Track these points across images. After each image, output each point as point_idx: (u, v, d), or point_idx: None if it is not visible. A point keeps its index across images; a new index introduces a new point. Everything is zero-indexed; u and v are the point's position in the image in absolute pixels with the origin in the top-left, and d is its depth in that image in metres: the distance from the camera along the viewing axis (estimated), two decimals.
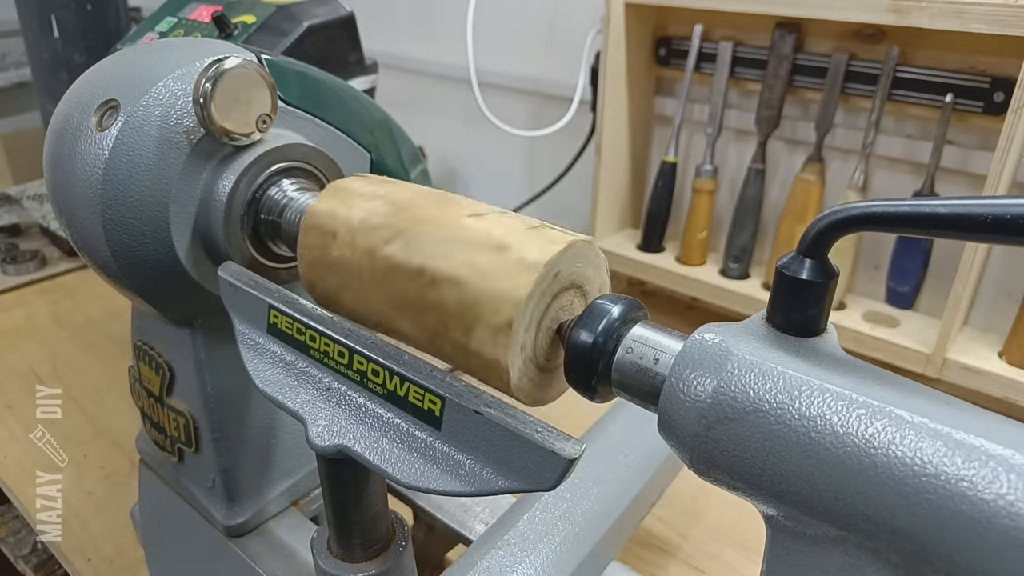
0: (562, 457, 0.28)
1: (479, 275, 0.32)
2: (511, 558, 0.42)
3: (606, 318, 0.31)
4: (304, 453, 0.54)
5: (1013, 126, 0.64)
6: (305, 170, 0.44)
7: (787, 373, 0.25)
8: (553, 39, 1.12)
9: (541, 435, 0.29)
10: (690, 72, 0.90)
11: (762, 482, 0.25)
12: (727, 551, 0.63)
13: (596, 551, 0.45)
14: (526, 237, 0.33)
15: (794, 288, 0.26)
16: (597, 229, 0.99)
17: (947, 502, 0.21)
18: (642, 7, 0.87)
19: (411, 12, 1.32)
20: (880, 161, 0.83)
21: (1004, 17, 0.62)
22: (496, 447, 0.30)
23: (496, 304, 0.31)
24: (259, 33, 0.72)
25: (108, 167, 0.40)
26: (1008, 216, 0.21)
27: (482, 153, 1.32)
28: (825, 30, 0.82)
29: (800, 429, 0.24)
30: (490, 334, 0.32)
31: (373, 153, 0.51)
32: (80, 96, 0.42)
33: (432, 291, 0.34)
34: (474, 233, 0.34)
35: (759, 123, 0.88)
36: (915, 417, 0.23)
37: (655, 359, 0.29)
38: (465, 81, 1.27)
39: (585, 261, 0.34)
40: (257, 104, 0.40)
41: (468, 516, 0.56)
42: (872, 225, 0.24)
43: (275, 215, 0.42)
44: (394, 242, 0.36)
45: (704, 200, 0.93)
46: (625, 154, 0.99)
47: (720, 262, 0.95)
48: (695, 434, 0.26)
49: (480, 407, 0.31)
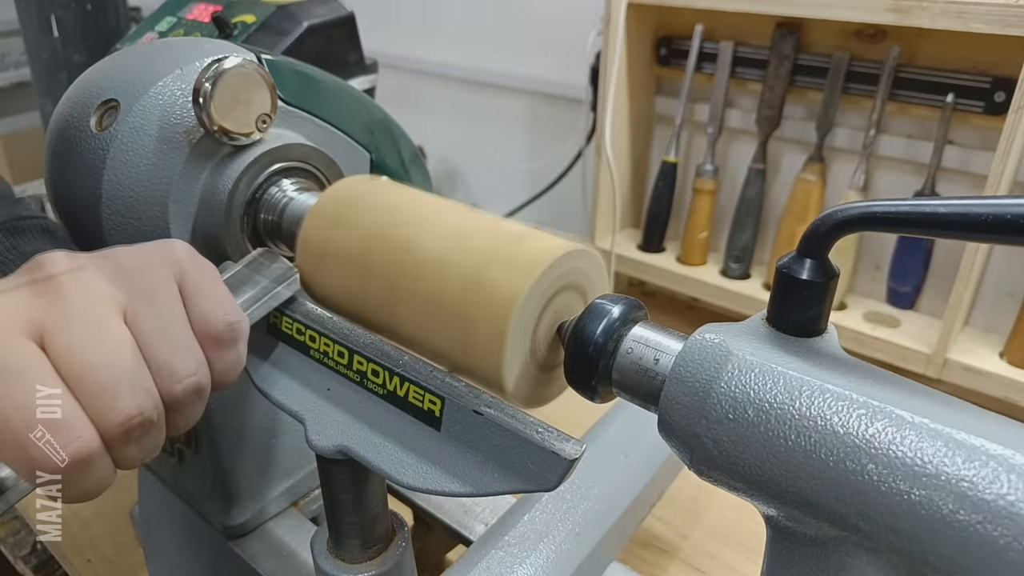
0: (562, 457, 0.28)
1: (479, 274, 0.32)
2: (511, 558, 0.42)
3: (606, 318, 0.31)
4: (304, 453, 0.54)
5: (1014, 126, 0.64)
6: (305, 170, 0.44)
7: (787, 373, 0.25)
8: (553, 39, 1.12)
9: (541, 435, 0.29)
10: (691, 72, 0.90)
11: (762, 482, 0.25)
12: (727, 551, 0.63)
13: (596, 551, 0.45)
14: (527, 238, 0.33)
15: (794, 288, 0.26)
16: (597, 229, 0.99)
17: (947, 502, 0.21)
18: (643, 7, 0.87)
19: (411, 12, 1.32)
20: (881, 161, 0.83)
21: (1005, 17, 0.62)
22: (496, 447, 0.30)
23: (495, 303, 0.31)
24: (259, 33, 0.72)
25: (108, 167, 0.40)
26: (1009, 216, 0.21)
27: (482, 153, 1.32)
28: (826, 30, 0.82)
29: (800, 429, 0.24)
30: (488, 334, 0.32)
31: (373, 153, 0.51)
32: (80, 96, 0.42)
33: (433, 290, 0.34)
34: (474, 233, 0.34)
35: (760, 123, 0.88)
36: (915, 417, 0.23)
37: (655, 359, 0.29)
38: (465, 81, 1.27)
39: (585, 263, 0.34)
40: (257, 104, 0.40)
41: (468, 516, 0.55)
42: (873, 225, 0.24)
43: (275, 215, 0.42)
44: (394, 240, 0.36)
45: (705, 200, 0.93)
46: (625, 154, 0.99)
47: (721, 262, 0.95)
48: (695, 434, 0.26)
49: (480, 407, 0.31)
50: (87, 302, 0.28)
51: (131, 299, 0.29)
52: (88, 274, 0.29)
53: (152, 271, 0.31)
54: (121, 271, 0.30)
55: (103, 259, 0.30)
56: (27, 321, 0.27)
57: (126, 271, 0.30)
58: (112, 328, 0.28)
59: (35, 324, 0.27)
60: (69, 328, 0.27)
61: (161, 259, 0.32)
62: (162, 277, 0.31)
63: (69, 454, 0.26)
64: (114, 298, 0.29)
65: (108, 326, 0.28)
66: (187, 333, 0.30)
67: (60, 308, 0.28)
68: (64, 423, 0.26)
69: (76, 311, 0.28)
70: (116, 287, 0.29)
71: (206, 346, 0.31)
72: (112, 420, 0.27)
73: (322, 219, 0.39)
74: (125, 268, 0.30)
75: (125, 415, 0.27)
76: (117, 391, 0.27)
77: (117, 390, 0.27)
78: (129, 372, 0.28)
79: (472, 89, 1.27)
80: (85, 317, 0.28)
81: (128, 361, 0.28)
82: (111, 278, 0.30)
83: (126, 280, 0.30)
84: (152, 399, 0.29)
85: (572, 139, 1.11)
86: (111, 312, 0.29)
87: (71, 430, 0.26)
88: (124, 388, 0.27)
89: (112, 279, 0.30)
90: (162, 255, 0.32)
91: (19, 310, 0.27)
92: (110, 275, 0.30)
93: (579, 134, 1.08)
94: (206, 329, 0.31)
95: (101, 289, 0.29)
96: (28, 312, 0.27)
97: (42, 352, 0.27)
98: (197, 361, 0.30)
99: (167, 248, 0.33)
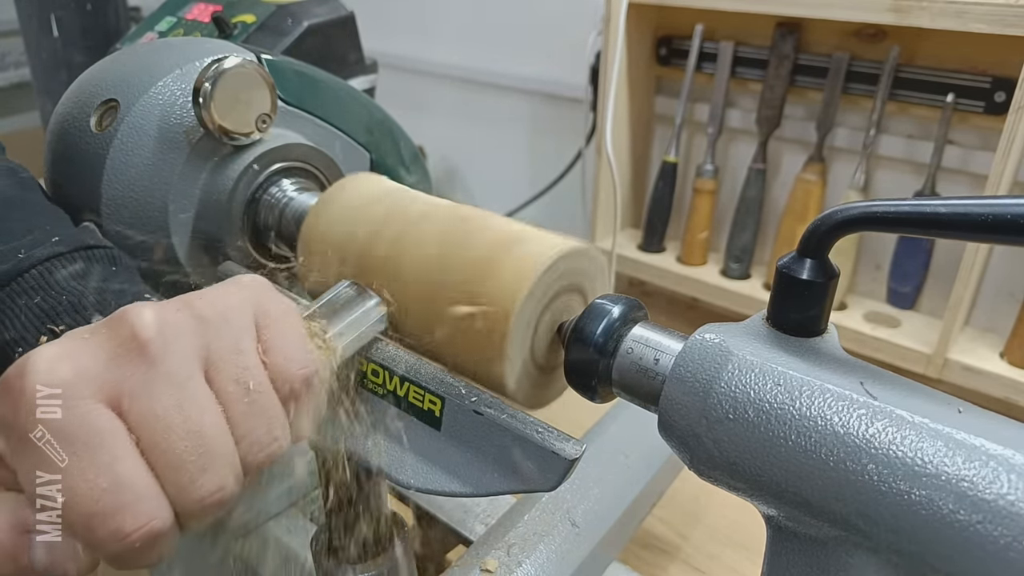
0: (563, 457, 0.28)
1: (480, 274, 0.32)
2: (511, 558, 0.42)
3: (606, 318, 0.31)
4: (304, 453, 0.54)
5: (1014, 126, 0.64)
6: (305, 170, 0.44)
7: (788, 373, 0.25)
8: (553, 39, 1.12)
9: (541, 435, 0.29)
10: (691, 72, 0.90)
11: (762, 482, 0.25)
12: (728, 552, 0.63)
13: (596, 552, 0.45)
14: (527, 238, 0.33)
15: (795, 288, 0.26)
16: (597, 229, 0.99)
17: (948, 502, 0.21)
18: (643, 7, 0.87)
19: (411, 12, 1.32)
20: (881, 161, 0.83)
21: (1005, 17, 0.62)
22: (496, 447, 0.30)
23: (495, 302, 0.31)
24: (259, 33, 0.72)
25: (108, 167, 0.40)
26: (1009, 216, 0.21)
27: (482, 153, 1.32)
28: (826, 30, 0.82)
29: (801, 430, 0.24)
30: (489, 333, 0.32)
31: (373, 153, 0.51)
32: (80, 96, 0.42)
33: (432, 293, 0.34)
34: (474, 233, 0.34)
35: (760, 123, 0.88)
36: (916, 417, 0.23)
37: (655, 359, 0.29)
38: (465, 81, 1.27)
39: (586, 264, 0.34)
40: (257, 104, 0.40)
41: (468, 516, 0.55)
42: (873, 225, 0.24)
43: (275, 215, 0.42)
44: (394, 241, 0.36)
45: (705, 200, 0.93)
46: (626, 154, 0.99)
47: (721, 262, 0.95)
48: (696, 435, 0.26)
49: (480, 407, 0.31)
50: (169, 362, 0.26)
51: (213, 355, 0.27)
52: (171, 331, 0.26)
53: (234, 320, 0.28)
54: (203, 323, 0.27)
55: (183, 308, 0.28)
56: (105, 383, 0.25)
57: (207, 323, 0.28)
58: (196, 393, 0.26)
59: (113, 387, 0.25)
60: (151, 393, 0.25)
61: (240, 303, 0.29)
62: (243, 327, 0.29)
63: (139, 537, 0.24)
64: (196, 356, 0.27)
65: (192, 390, 0.26)
66: (270, 394, 0.28)
67: (141, 369, 0.25)
68: (138, 505, 0.24)
69: (158, 373, 0.25)
70: (198, 341, 0.27)
71: (285, 401, 0.29)
72: (191, 497, 0.25)
73: (323, 218, 0.38)
74: (206, 319, 0.28)
75: (205, 492, 0.25)
76: (199, 466, 0.25)
77: (199, 465, 0.25)
78: (213, 445, 0.26)
79: (472, 89, 1.27)
80: (168, 380, 0.25)
81: (212, 431, 0.26)
82: (193, 331, 0.27)
83: (208, 332, 0.27)
84: (234, 471, 0.27)
85: (572, 139, 1.11)
86: (194, 373, 0.26)
87: (145, 513, 0.24)
88: (206, 462, 0.25)
89: (194, 332, 0.27)
90: (241, 299, 0.29)
91: (97, 370, 0.25)
92: (192, 329, 0.27)
93: (579, 134, 1.08)
94: (285, 383, 0.29)
95: (184, 347, 0.26)
96: (107, 373, 0.25)
97: (119, 419, 0.25)
98: (281, 425, 0.29)
99: (245, 289, 0.30)
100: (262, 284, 0.31)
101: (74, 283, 0.34)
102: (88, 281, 0.34)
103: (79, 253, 0.35)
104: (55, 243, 0.35)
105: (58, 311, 0.33)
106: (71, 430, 0.24)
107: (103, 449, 0.24)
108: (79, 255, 0.35)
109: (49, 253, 0.34)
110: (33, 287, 0.33)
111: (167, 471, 0.25)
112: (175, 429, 0.25)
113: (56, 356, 0.25)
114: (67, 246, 0.35)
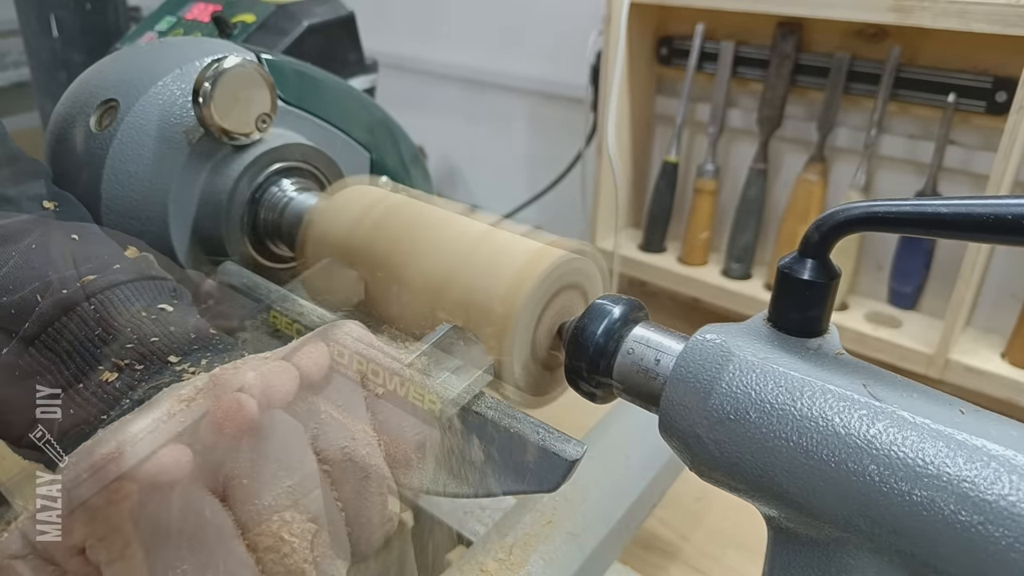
0: (564, 458, 0.28)
1: (481, 273, 0.32)
2: (511, 559, 0.42)
3: (606, 319, 0.30)
4: None
5: (1015, 126, 0.64)
6: (305, 170, 0.44)
7: (789, 374, 0.25)
8: (554, 39, 1.12)
9: (542, 436, 0.29)
10: (692, 71, 0.90)
11: (763, 483, 0.25)
12: (729, 552, 0.63)
13: (597, 553, 0.45)
14: (529, 242, 0.33)
15: (796, 288, 0.26)
16: (598, 229, 0.99)
17: (949, 503, 0.21)
18: (644, 6, 0.87)
19: (411, 12, 1.32)
20: (882, 161, 0.83)
21: (1007, 17, 0.62)
22: (497, 448, 0.30)
23: (497, 302, 0.31)
24: (259, 32, 0.72)
25: (107, 167, 0.40)
26: (1010, 216, 0.21)
27: (482, 153, 1.32)
28: (827, 29, 0.82)
29: (802, 430, 0.24)
30: (490, 332, 0.31)
31: (373, 153, 0.51)
32: (79, 96, 0.42)
33: (432, 299, 0.34)
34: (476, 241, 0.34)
35: (761, 123, 0.88)
36: (917, 418, 0.23)
37: (656, 360, 0.29)
38: (466, 81, 1.27)
39: (585, 264, 0.34)
40: (257, 103, 0.40)
41: (468, 516, 0.55)
42: (874, 225, 0.24)
43: (275, 215, 0.42)
44: (394, 242, 0.36)
45: (706, 200, 0.93)
46: (626, 154, 0.99)
47: (722, 262, 0.95)
48: (696, 435, 0.26)
49: (480, 407, 0.30)
50: (276, 438, 0.23)
51: (320, 423, 0.25)
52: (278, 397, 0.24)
53: (341, 380, 0.26)
54: (311, 387, 0.25)
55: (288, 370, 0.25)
56: (210, 466, 0.23)
57: (315, 386, 0.25)
58: (304, 470, 0.23)
59: (217, 469, 0.22)
60: (259, 475, 0.23)
61: (347, 361, 0.27)
62: (350, 388, 0.26)
63: None
64: (304, 426, 0.24)
65: (300, 469, 0.23)
66: (382, 468, 0.25)
67: (247, 447, 0.23)
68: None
69: (266, 452, 0.23)
70: (306, 408, 0.24)
71: (396, 470, 0.26)
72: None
73: (324, 218, 0.38)
74: (313, 381, 0.25)
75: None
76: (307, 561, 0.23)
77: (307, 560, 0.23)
78: (323, 535, 0.23)
79: (472, 89, 1.27)
80: (277, 458, 0.23)
81: (322, 519, 0.23)
82: (300, 396, 0.25)
83: (315, 393, 0.25)
84: (344, 553, 0.24)
85: (572, 139, 1.11)
86: (302, 448, 0.24)
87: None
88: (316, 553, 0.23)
89: (302, 396, 0.25)
90: (348, 356, 0.27)
91: (201, 451, 0.22)
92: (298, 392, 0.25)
93: (579, 134, 1.08)
94: (395, 451, 0.26)
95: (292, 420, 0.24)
96: (210, 454, 0.23)
97: (224, 508, 0.22)
98: (394, 501, 0.26)
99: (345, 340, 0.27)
100: (362, 331, 0.28)
101: (136, 315, 0.30)
102: (150, 313, 0.31)
103: (140, 283, 0.32)
104: (115, 271, 0.32)
105: (121, 343, 0.29)
106: (179, 526, 0.22)
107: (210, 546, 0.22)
108: (141, 285, 0.32)
109: (109, 282, 0.31)
110: (94, 318, 0.30)
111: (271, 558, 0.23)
112: (282, 515, 0.23)
113: (156, 433, 0.22)
114: (127, 275, 0.32)
